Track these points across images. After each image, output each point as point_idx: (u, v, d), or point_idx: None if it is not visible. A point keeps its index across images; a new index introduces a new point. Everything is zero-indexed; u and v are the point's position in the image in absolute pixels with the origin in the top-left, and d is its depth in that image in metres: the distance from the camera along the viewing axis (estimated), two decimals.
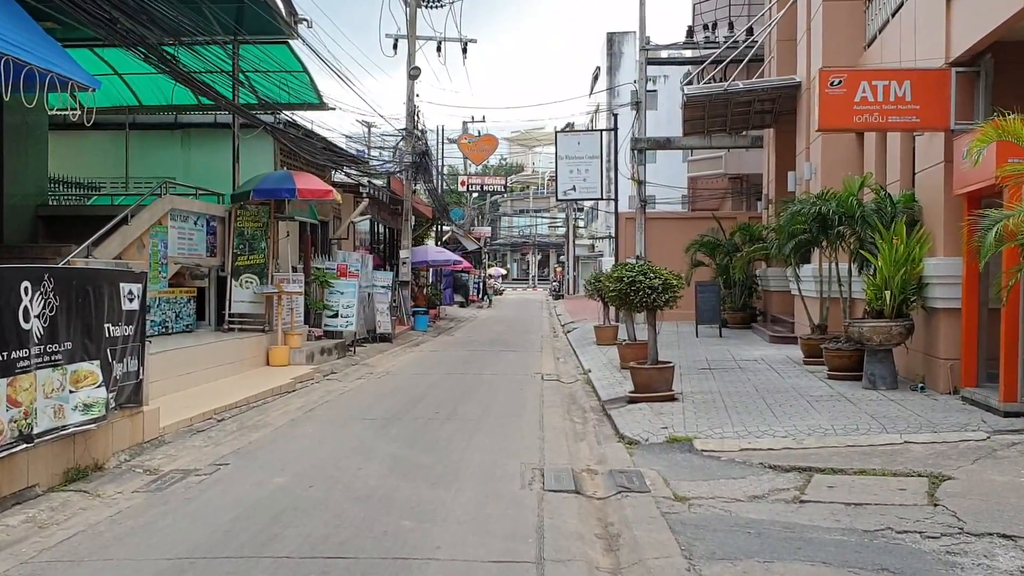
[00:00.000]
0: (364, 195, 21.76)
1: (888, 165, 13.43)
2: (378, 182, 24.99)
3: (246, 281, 15.50)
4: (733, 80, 20.00)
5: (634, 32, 61.03)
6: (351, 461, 8.15)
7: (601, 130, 29.57)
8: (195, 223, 14.75)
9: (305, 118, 19.01)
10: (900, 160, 12.84)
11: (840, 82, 10.79)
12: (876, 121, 10.86)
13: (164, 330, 14.24)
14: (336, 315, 18.23)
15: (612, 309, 20.31)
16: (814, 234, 12.87)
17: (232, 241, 15.53)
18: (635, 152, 26.87)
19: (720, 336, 20.50)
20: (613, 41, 60.18)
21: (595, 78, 63.87)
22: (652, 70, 30.26)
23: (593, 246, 66.31)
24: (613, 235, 58.79)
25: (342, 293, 18.26)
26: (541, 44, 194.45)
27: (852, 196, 12.02)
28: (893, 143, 13.15)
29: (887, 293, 11.04)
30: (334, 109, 18.02)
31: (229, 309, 15.46)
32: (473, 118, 48.03)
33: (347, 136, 28.26)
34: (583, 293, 56.30)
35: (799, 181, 18.39)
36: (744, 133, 26.29)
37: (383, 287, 21.75)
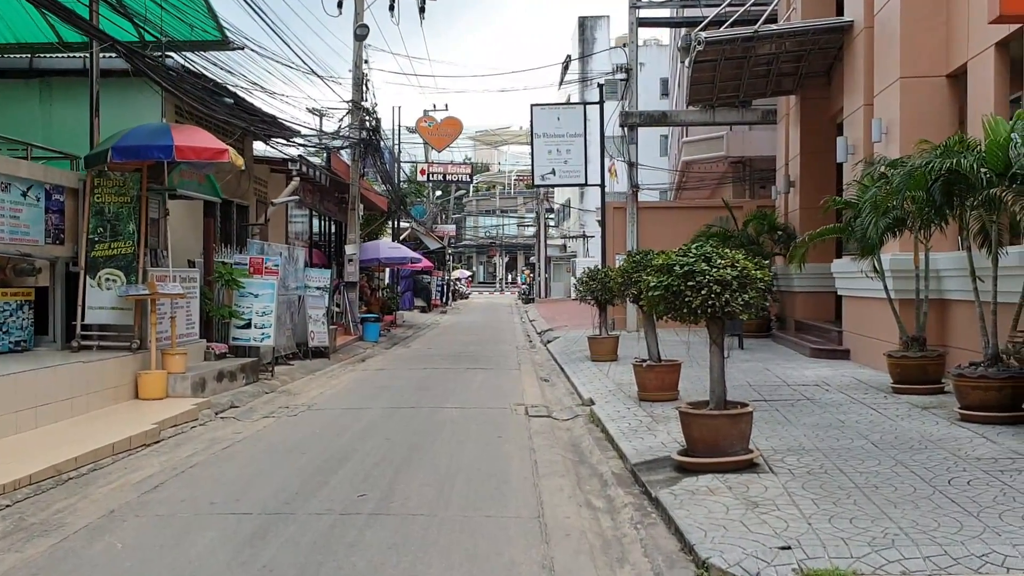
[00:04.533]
0: (294, 173, 17.25)
1: None
2: (316, 160, 20.49)
3: (107, 279, 10.97)
4: (760, 24, 15.81)
5: (607, 17, 57.48)
6: None
7: (585, 103, 25.30)
8: (24, 195, 10.19)
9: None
10: None
11: None
12: None
13: None
14: (248, 325, 13.72)
15: (608, 316, 16.05)
16: (935, 203, 8.64)
17: (87, 222, 10.99)
18: (625, 129, 22.71)
19: (741, 348, 16.31)
20: (585, 26, 56.21)
21: (565, 68, 59.58)
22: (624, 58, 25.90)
23: (565, 246, 62.17)
24: (587, 234, 54.88)
25: (256, 296, 13.76)
26: (507, 44, 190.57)
27: (1010, 142, 7.79)
28: None
29: None
30: (242, 48, 13.52)
31: (82, 318, 10.92)
32: (435, 106, 43.59)
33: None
34: (557, 296, 52.17)
35: (851, 150, 14.24)
36: (753, 106, 22.29)
37: (318, 288, 17.26)
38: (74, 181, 11.19)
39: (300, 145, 17.68)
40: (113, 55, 11.84)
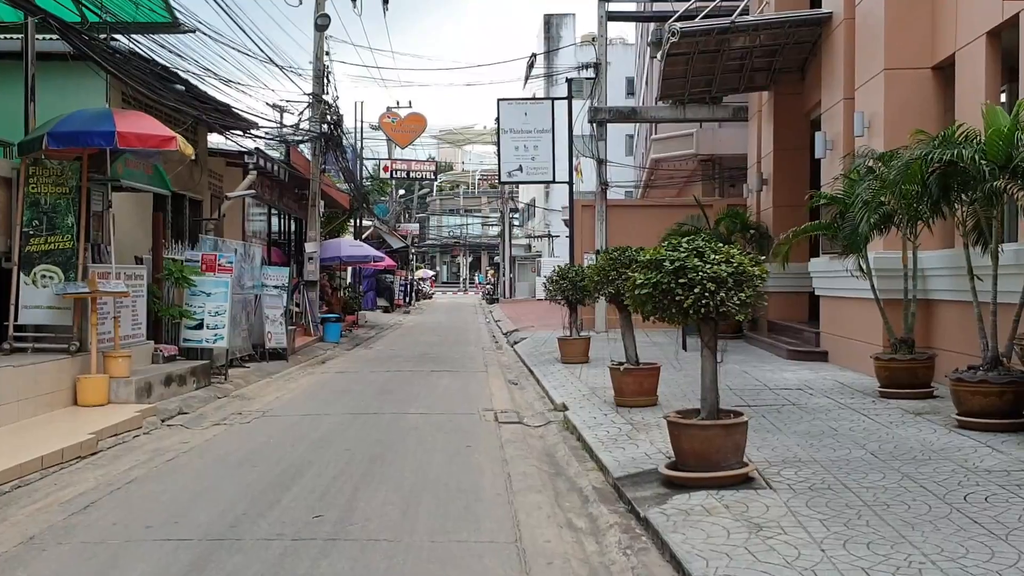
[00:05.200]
0: (251, 166, 16.46)
1: None
2: (274, 154, 19.68)
3: (43, 275, 10.15)
4: (737, 16, 15.34)
5: (573, 15, 57.11)
6: None
7: (553, 98, 24.72)
8: None
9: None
10: None
11: None
12: None
13: None
14: (200, 325, 12.93)
15: (579, 316, 15.46)
16: (932, 198, 8.16)
17: (21, 214, 10.16)
18: (594, 125, 22.17)
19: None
20: (551, 24, 55.86)
21: (530, 66, 59.07)
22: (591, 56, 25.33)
23: (530, 246, 61.66)
24: (552, 234, 54.31)
25: (208, 295, 12.98)
26: (473, 42, 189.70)
27: (1015, 132, 7.32)
28: None
29: None
30: (194, 31, 12.70)
31: (15, 318, 10.10)
32: (399, 103, 42.81)
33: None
34: (522, 296, 51.56)
35: (829, 145, 13.82)
36: (723, 102, 21.90)
37: (276, 287, 16.48)
38: (7, 170, 10.36)
39: (258, 137, 16.86)
40: (54, 36, 11.02)
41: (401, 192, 58.65)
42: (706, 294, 5.77)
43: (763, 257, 17.59)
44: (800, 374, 12.08)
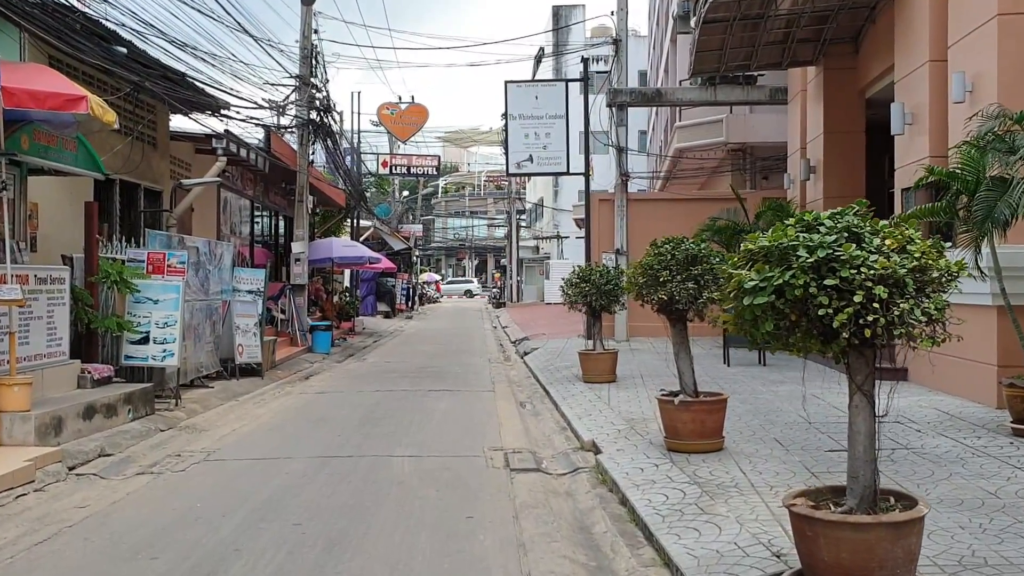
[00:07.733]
0: (220, 151, 14.09)
1: None
2: (253, 140, 17.34)
3: None
4: None
5: (583, 6, 54.78)
6: None
7: (567, 80, 22.34)
8: None
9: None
10: None
11: None
12: None
13: None
14: (145, 340, 10.58)
15: (597, 322, 13.04)
16: None
17: None
18: (613, 110, 19.79)
19: (763, 364, 13.48)
20: (560, 15, 53.37)
21: (538, 60, 56.72)
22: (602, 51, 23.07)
23: (538, 248, 59.23)
24: (561, 235, 51.88)
25: (156, 303, 10.62)
26: (479, 38, 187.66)
27: None
28: None
29: None
30: None
31: None
32: (400, 98, 40.46)
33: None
34: (529, 300, 49.14)
35: (908, 119, 11.43)
36: (758, 83, 19.58)
37: (249, 292, 14.12)
38: None
39: (229, 118, 14.53)
40: None
41: (405, 193, 56.36)
42: (873, 304, 3.38)
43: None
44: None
